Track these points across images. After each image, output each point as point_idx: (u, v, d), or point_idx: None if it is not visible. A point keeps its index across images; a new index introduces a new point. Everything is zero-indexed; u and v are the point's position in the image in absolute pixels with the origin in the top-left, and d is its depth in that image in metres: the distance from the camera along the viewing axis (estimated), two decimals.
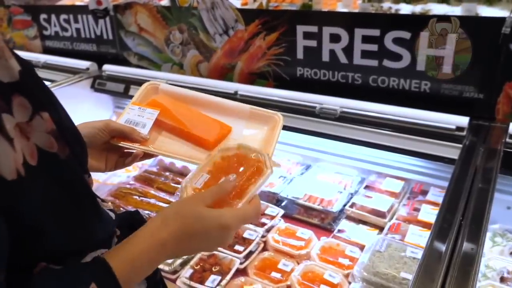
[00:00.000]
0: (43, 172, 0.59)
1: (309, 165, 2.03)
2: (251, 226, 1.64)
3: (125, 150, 1.05)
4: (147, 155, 1.07)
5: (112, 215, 0.79)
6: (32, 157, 0.57)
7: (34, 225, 0.58)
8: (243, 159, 0.84)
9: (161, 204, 1.85)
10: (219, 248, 1.41)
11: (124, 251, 0.67)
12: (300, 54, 1.89)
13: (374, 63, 1.73)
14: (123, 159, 1.05)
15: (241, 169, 0.82)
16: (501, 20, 1.47)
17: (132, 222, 0.83)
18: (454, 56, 1.57)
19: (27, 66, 0.61)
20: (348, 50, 1.76)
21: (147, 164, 2.19)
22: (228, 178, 0.78)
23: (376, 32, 1.68)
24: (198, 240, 0.72)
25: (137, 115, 1.08)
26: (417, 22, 1.60)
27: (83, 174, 0.69)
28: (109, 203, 0.84)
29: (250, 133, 1.10)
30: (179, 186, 1.94)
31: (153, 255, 0.68)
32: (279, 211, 1.74)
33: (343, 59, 1.79)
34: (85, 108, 2.30)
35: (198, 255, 1.52)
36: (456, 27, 1.53)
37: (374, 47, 1.70)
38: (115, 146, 1.02)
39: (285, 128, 1.08)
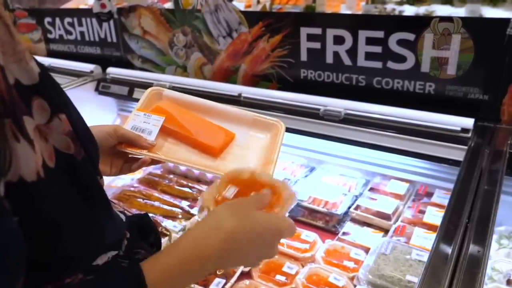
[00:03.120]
0: (61, 174, 0.58)
1: (313, 167, 2.03)
2: None
3: (130, 155, 1.05)
4: (154, 161, 1.07)
5: (123, 217, 0.79)
6: (51, 159, 0.57)
7: (50, 227, 0.57)
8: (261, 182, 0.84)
9: (165, 207, 1.85)
10: None
11: (162, 262, 0.65)
12: (304, 56, 1.89)
13: (378, 64, 1.73)
14: (128, 164, 1.06)
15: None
16: (506, 21, 1.46)
17: (141, 224, 0.83)
18: (458, 57, 1.56)
19: (44, 68, 0.62)
20: (352, 52, 1.76)
21: (151, 166, 2.19)
22: (263, 192, 0.79)
23: (380, 34, 1.67)
24: (250, 245, 0.70)
25: (143, 122, 1.09)
26: (421, 24, 1.59)
27: (96, 176, 0.70)
28: (118, 206, 0.84)
29: (253, 140, 1.12)
30: (182, 188, 1.97)
31: (196, 264, 0.66)
32: None
33: (347, 61, 1.79)
34: (89, 111, 2.29)
35: None
36: (459, 27, 1.52)
37: (378, 49, 1.70)
38: (122, 152, 1.03)
39: (289, 130, 1.08)
